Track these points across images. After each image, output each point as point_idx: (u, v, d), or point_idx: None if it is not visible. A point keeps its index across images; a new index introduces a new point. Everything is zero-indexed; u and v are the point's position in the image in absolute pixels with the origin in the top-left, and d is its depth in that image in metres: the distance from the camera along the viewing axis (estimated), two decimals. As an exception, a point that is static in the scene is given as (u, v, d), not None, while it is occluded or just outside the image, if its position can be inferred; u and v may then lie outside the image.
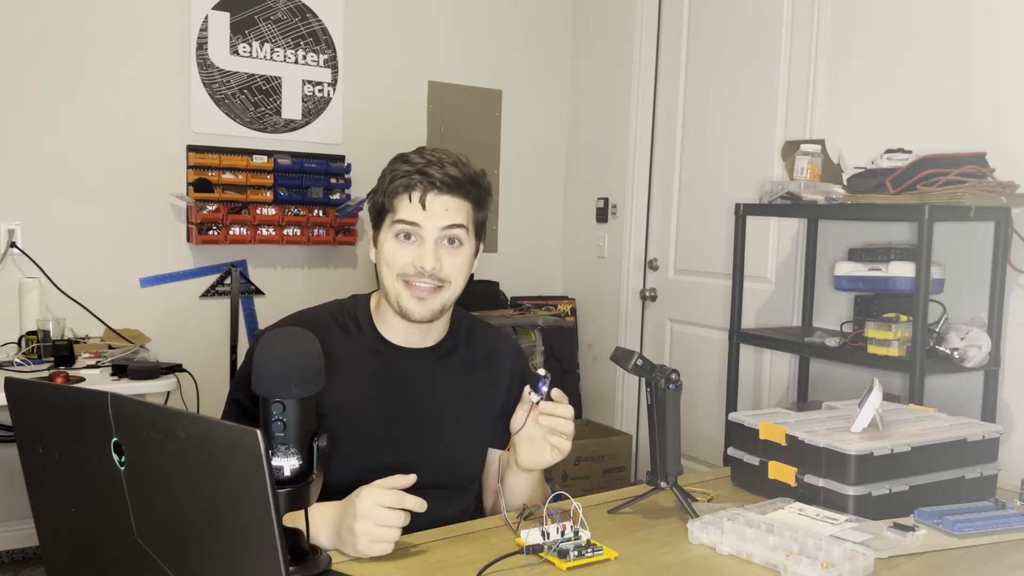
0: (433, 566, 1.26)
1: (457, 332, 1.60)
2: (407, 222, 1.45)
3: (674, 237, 4.07)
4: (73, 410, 0.97)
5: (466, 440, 1.56)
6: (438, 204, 1.44)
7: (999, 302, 2.70)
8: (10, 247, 3.25)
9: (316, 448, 1.14)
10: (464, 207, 1.47)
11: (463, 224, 1.47)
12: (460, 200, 1.46)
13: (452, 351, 1.58)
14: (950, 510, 1.47)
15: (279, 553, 0.82)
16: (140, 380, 2.69)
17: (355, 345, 1.52)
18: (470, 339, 1.62)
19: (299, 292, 3.85)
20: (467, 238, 1.48)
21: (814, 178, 2.90)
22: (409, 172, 1.45)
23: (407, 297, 1.46)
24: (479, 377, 1.59)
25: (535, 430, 1.45)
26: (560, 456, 1.45)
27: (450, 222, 1.45)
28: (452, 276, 1.47)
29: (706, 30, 3.88)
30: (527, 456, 1.47)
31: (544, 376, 1.42)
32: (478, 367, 1.60)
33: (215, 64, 3.62)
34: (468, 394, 1.57)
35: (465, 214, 1.47)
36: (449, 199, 1.45)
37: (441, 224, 1.45)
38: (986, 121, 2.78)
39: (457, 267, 1.48)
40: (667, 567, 1.28)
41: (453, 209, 1.46)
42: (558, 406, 1.43)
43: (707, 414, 3.75)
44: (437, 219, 1.44)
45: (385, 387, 1.51)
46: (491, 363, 1.61)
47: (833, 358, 2.86)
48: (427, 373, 1.55)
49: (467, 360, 1.59)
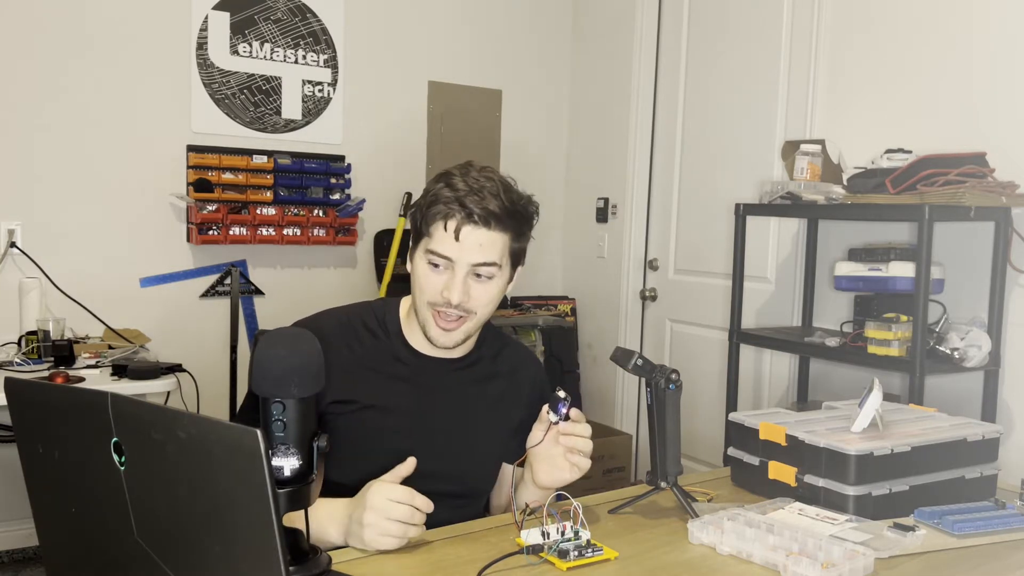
0: (433, 566, 1.26)
1: (483, 346, 1.61)
2: (439, 254, 1.44)
3: (674, 237, 4.07)
4: (73, 410, 0.97)
5: (481, 452, 1.57)
6: (473, 239, 1.43)
7: (999, 302, 2.70)
8: (10, 247, 3.25)
9: (316, 448, 1.15)
10: (501, 240, 1.45)
11: (495, 262, 1.45)
12: (497, 233, 1.44)
13: (476, 363, 1.59)
14: (950, 510, 1.47)
15: (279, 553, 0.82)
16: (140, 380, 2.69)
17: (382, 349, 1.54)
18: (496, 354, 1.62)
19: (299, 292, 3.85)
20: (499, 272, 1.47)
21: (814, 178, 2.90)
22: (449, 200, 1.42)
23: (433, 325, 1.48)
24: (499, 391, 1.60)
25: (553, 448, 1.45)
26: (579, 474, 1.45)
27: (482, 260, 1.44)
28: (478, 308, 1.47)
29: (706, 30, 3.88)
30: (546, 474, 1.47)
31: (564, 398, 1.42)
32: (500, 381, 1.61)
33: (215, 64, 3.62)
34: (487, 407, 1.58)
35: (500, 247, 1.46)
36: (485, 233, 1.43)
37: (473, 260, 1.44)
38: (986, 121, 2.78)
39: (485, 299, 1.48)
40: (667, 567, 1.28)
41: (487, 244, 1.44)
42: (576, 426, 1.43)
43: (707, 414, 3.75)
44: (470, 254, 1.43)
45: (406, 394, 1.52)
46: (513, 378, 1.62)
47: (833, 358, 2.86)
48: (449, 383, 1.56)
49: (489, 373, 1.60)
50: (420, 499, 1.29)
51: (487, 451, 1.58)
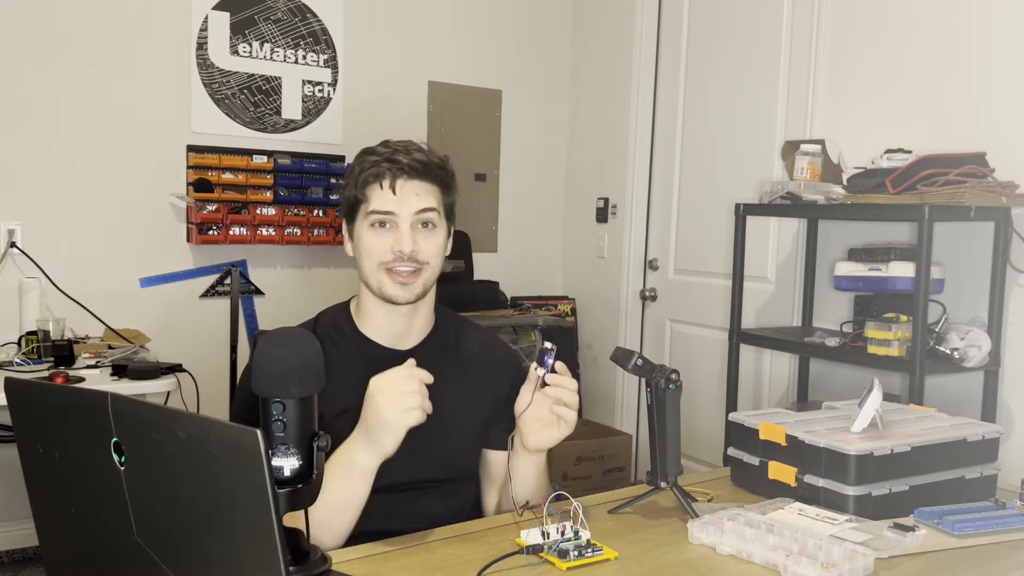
0: (433, 566, 1.26)
1: (446, 331, 1.62)
2: (381, 211, 1.49)
3: (674, 237, 4.07)
4: (73, 410, 0.97)
5: (459, 436, 1.57)
6: (408, 189, 1.50)
7: (999, 302, 2.70)
8: (10, 247, 3.25)
9: (316, 448, 1.15)
10: (433, 191, 1.52)
11: (435, 207, 1.52)
12: (429, 184, 1.52)
13: (442, 350, 1.59)
14: (950, 510, 1.47)
15: (279, 553, 0.82)
16: (140, 380, 2.69)
17: (341, 352, 1.54)
18: (459, 339, 1.64)
19: (299, 292, 3.85)
20: (440, 220, 1.53)
21: (814, 178, 2.90)
22: (377, 161, 1.49)
23: (389, 284, 1.50)
24: (471, 376, 1.60)
25: (540, 408, 1.46)
26: (568, 429, 1.45)
27: (422, 206, 1.50)
28: (429, 257, 1.52)
29: (706, 30, 3.88)
30: (535, 434, 1.47)
31: (550, 349, 1.43)
32: (470, 367, 1.61)
33: (215, 64, 3.62)
34: (460, 392, 1.57)
35: (435, 197, 1.52)
36: (419, 184, 1.50)
37: (414, 209, 1.50)
38: (986, 121, 2.78)
39: (433, 249, 1.52)
40: (667, 567, 1.28)
41: (423, 193, 1.51)
42: (563, 378, 1.44)
43: (707, 414, 3.75)
44: (409, 204, 1.49)
45: None
46: (484, 363, 1.63)
47: (833, 358, 2.86)
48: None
49: (457, 359, 1.60)
50: (419, 371, 1.34)
51: (465, 434, 1.58)
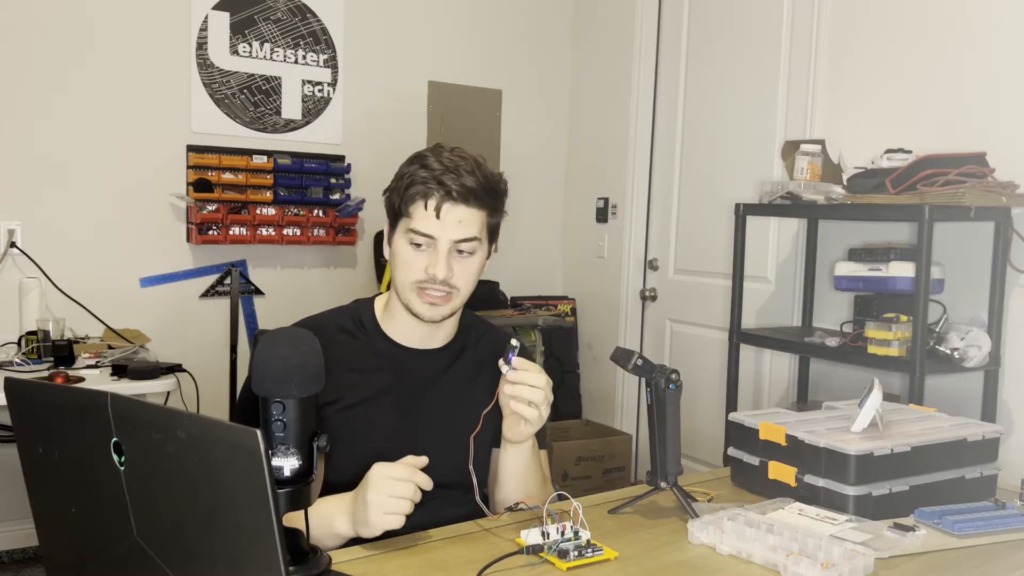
0: (433, 566, 1.26)
1: (467, 335, 1.63)
2: (421, 233, 1.46)
3: (674, 237, 4.07)
4: (73, 410, 0.97)
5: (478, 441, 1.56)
6: (453, 215, 1.46)
7: (999, 302, 2.70)
8: (10, 247, 3.25)
9: (316, 448, 1.15)
10: (479, 216, 1.49)
11: (476, 237, 1.49)
12: (475, 210, 1.48)
13: (460, 353, 1.60)
14: (950, 510, 1.47)
15: (279, 553, 0.82)
16: (140, 380, 2.69)
17: (360, 348, 1.55)
18: (479, 342, 1.64)
19: (299, 292, 3.85)
20: (480, 246, 1.51)
21: (814, 178, 2.90)
22: (426, 179, 1.45)
23: (418, 303, 1.49)
24: (484, 379, 1.59)
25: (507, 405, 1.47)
26: (533, 425, 1.45)
27: (463, 236, 1.47)
28: (461, 284, 1.50)
29: (706, 30, 3.88)
30: (507, 428, 1.49)
31: (513, 347, 1.43)
32: (484, 370, 1.60)
33: (215, 64, 3.62)
34: (473, 395, 1.57)
35: (479, 223, 1.49)
36: (464, 210, 1.46)
37: (454, 237, 1.47)
38: (986, 121, 2.78)
39: (467, 275, 1.50)
40: (667, 567, 1.28)
41: (467, 220, 1.47)
42: (525, 374, 1.43)
43: (707, 414, 3.75)
44: (451, 231, 1.46)
45: (391, 387, 1.53)
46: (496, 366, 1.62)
47: (833, 358, 2.86)
48: (434, 374, 1.57)
49: (474, 362, 1.61)
50: (420, 476, 1.31)
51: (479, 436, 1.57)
